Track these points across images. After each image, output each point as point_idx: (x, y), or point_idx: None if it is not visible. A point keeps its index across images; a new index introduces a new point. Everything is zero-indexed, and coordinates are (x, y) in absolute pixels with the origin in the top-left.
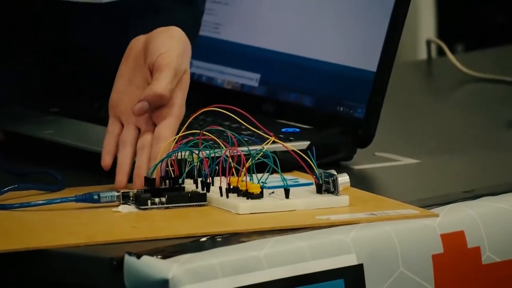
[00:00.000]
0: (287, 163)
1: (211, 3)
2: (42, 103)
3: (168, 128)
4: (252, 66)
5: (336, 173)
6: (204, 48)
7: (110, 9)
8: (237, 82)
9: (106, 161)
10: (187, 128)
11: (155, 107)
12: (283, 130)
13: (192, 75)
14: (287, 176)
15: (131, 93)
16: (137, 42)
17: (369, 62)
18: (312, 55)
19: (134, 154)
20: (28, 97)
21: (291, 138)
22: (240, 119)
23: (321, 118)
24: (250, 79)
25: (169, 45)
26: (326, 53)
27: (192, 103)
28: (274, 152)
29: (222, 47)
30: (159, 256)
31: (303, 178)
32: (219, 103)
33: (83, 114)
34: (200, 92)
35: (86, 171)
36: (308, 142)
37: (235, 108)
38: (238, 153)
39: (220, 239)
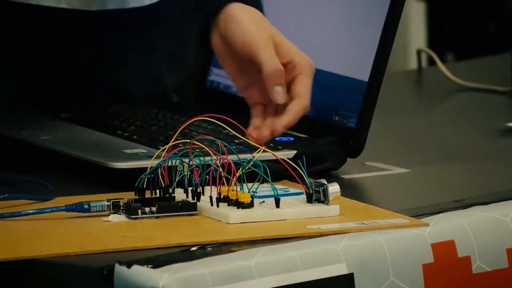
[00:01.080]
0: (277, 172)
1: None
2: (55, 108)
3: (303, 85)
4: None
5: (326, 183)
6: None
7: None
8: None
9: (252, 134)
10: (183, 137)
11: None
12: (277, 139)
13: (212, 83)
14: (277, 185)
15: (255, 80)
16: (215, 39)
17: (362, 72)
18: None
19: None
20: (22, 101)
21: (279, 147)
22: (234, 127)
23: (318, 128)
24: None
25: (243, 26)
26: (323, 62)
27: (207, 110)
28: (264, 161)
29: None
30: (149, 266)
31: (293, 187)
32: (233, 111)
33: (92, 121)
34: (217, 100)
35: (77, 179)
36: (295, 151)
37: (225, 117)
38: (229, 162)
39: (210, 249)
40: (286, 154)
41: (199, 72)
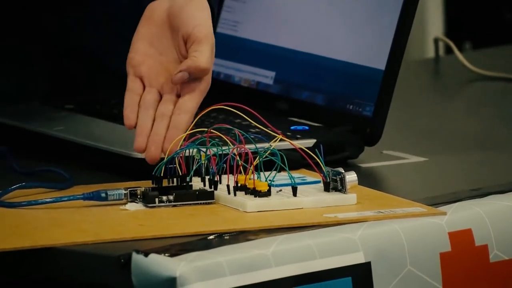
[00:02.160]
0: (294, 161)
1: (230, 1)
2: (58, 99)
3: (193, 101)
4: (267, 64)
5: (343, 171)
6: (223, 46)
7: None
8: (253, 80)
9: (130, 120)
10: (196, 126)
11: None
12: (292, 128)
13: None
14: (295, 174)
15: (155, 57)
16: (159, 7)
17: (378, 60)
18: (323, 53)
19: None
20: (38, 93)
21: (298, 136)
22: (250, 117)
23: (331, 116)
24: (266, 77)
25: (203, 16)
26: (337, 51)
27: (209, 100)
28: (281, 150)
29: (239, 44)
30: (166, 254)
31: (311, 176)
32: (236, 100)
33: (97, 111)
34: (217, 90)
35: (94, 168)
36: (314, 140)
37: (243, 106)
38: (246, 151)
39: (227, 237)
40: (305, 143)
41: None
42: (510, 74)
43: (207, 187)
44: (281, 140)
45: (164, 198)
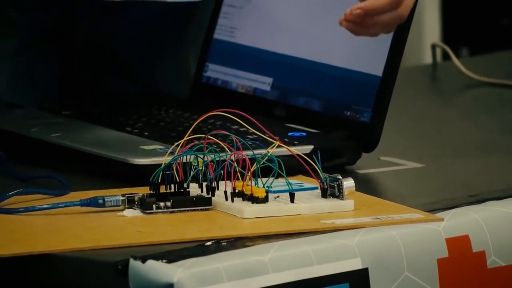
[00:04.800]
0: (292, 167)
1: (227, 7)
2: (56, 105)
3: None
4: (265, 70)
5: (341, 177)
6: (220, 52)
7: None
8: (250, 86)
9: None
10: (194, 132)
11: None
12: (289, 134)
13: (208, 78)
14: (292, 180)
15: None
16: None
17: (375, 67)
18: (321, 59)
19: None
20: (45, 98)
21: (295, 142)
22: (247, 123)
23: (328, 122)
24: (263, 83)
25: None
26: (334, 57)
27: (207, 106)
28: (278, 156)
29: (237, 51)
30: (164, 260)
31: (308, 182)
32: (233, 107)
33: (95, 117)
34: (215, 96)
35: (91, 174)
36: (312, 147)
37: (241, 112)
38: (243, 157)
39: (225, 243)
40: (302, 149)
41: (196, 68)
42: (507, 80)
43: (204, 194)
44: (278, 146)
45: (162, 204)
